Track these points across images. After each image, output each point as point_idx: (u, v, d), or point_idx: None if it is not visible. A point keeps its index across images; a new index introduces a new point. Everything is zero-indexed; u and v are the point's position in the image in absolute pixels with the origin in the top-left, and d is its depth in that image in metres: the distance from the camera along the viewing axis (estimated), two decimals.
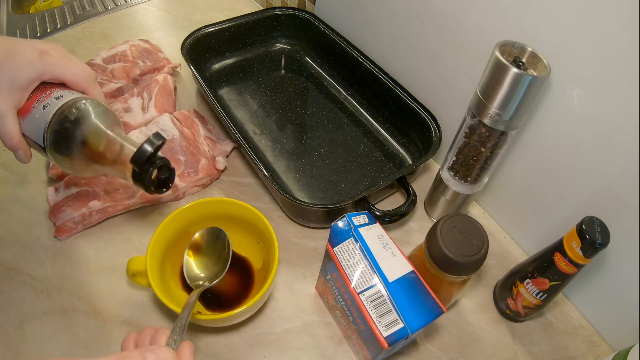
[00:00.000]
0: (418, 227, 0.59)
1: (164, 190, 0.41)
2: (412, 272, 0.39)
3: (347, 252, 0.40)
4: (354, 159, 0.64)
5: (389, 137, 0.68)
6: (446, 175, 0.54)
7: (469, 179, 0.51)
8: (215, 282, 0.44)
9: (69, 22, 0.87)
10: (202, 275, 0.45)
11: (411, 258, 0.49)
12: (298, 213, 0.55)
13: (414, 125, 0.64)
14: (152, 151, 0.36)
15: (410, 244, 0.56)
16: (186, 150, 0.58)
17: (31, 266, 0.50)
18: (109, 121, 0.39)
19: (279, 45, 0.82)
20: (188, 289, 0.48)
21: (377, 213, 0.51)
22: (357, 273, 0.39)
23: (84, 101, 0.39)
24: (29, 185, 0.58)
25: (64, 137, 0.38)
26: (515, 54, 0.42)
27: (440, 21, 0.55)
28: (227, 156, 0.63)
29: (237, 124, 0.68)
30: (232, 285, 0.50)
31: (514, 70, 0.39)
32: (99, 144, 0.38)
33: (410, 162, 0.64)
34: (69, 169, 0.40)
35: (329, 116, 0.70)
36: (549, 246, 0.44)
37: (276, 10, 0.79)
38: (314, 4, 0.80)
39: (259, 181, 0.62)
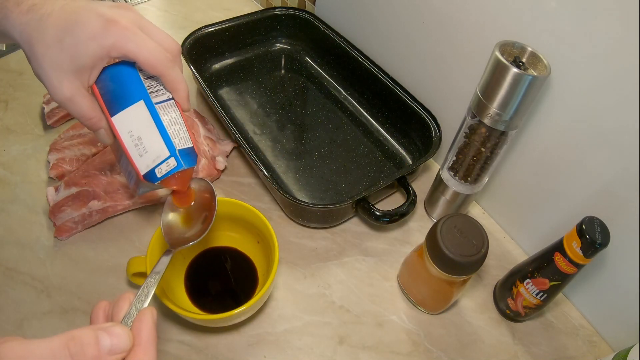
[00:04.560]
0: (418, 227, 0.59)
1: None
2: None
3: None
4: (354, 159, 0.64)
5: (389, 137, 0.68)
6: (446, 175, 0.54)
7: (469, 179, 0.51)
8: (198, 239, 0.39)
9: None
10: (185, 234, 0.40)
11: (411, 258, 0.49)
12: (298, 213, 0.55)
13: (414, 125, 0.64)
14: None
15: (410, 244, 0.56)
16: None
17: (31, 266, 0.50)
18: None
19: (279, 45, 0.82)
20: (189, 289, 0.48)
21: (377, 213, 0.51)
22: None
23: None
24: (29, 185, 0.58)
25: None
26: (515, 54, 0.42)
27: (441, 21, 0.55)
28: (227, 156, 0.63)
29: (237, 124, 0.68)
30: (234, 285, 0.50)
31: (514, 70, 0.39)
32: None
33: (410, 162, 0.64)
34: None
35: (329, 116, 0.70)
36: (549, 246, 0.44)
37: (276, 10, 0.79)
38: (314, 4, 0.81)
39: (259, 181, 0.62)
